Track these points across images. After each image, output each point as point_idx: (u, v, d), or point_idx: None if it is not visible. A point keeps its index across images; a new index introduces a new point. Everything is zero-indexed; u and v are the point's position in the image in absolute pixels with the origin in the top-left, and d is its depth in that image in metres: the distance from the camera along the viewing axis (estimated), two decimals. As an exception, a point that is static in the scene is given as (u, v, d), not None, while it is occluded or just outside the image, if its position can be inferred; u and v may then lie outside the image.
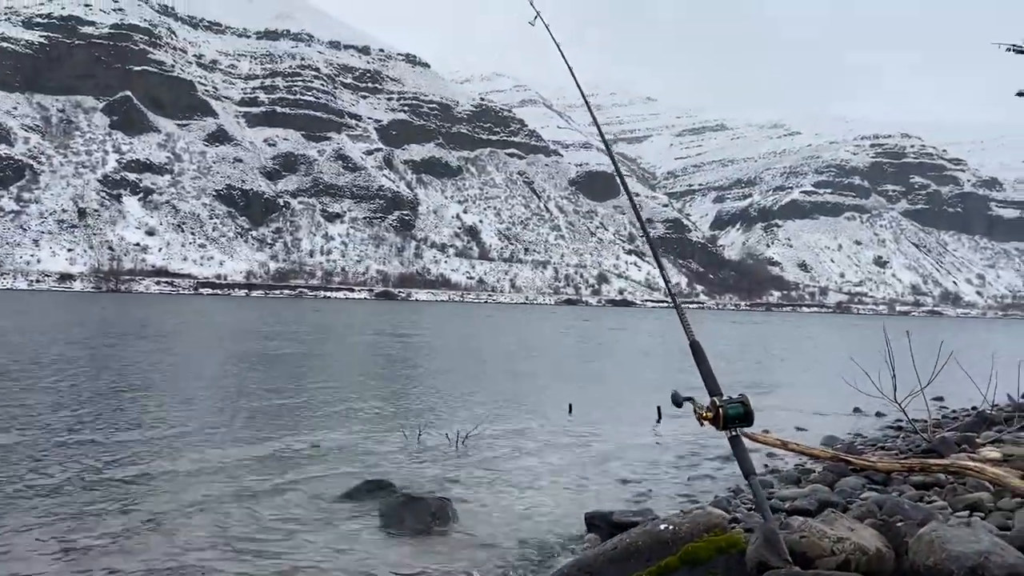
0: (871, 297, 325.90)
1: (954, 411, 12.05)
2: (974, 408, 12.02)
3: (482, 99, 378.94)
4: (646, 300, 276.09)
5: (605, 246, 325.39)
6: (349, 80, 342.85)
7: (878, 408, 11.04)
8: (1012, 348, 45.36)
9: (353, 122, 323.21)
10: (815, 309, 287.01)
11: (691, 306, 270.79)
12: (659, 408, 11.24)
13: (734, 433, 2.34)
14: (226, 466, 7.86)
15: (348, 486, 6.98)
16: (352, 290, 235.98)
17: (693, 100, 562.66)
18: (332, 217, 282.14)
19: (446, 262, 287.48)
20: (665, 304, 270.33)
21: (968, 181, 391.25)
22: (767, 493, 6.35)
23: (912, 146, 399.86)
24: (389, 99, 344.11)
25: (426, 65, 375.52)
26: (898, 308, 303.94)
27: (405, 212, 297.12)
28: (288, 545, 5.52)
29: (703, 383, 2.39)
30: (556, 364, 23.93)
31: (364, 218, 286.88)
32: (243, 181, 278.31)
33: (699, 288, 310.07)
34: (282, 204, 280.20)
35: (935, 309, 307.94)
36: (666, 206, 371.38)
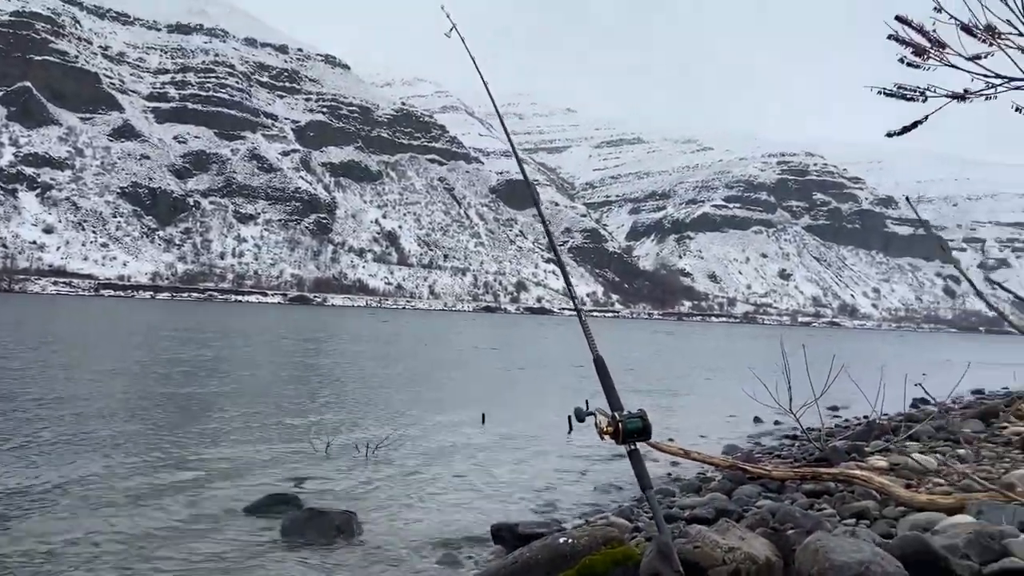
0: (775, 308, 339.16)
1: (847, 420, 12.65)
2: (865, 417, 12.66)
3: (403, 103, 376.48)
4: (563, 308, 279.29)
5: (524, 254, 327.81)
6: (265, 79, 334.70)
7: (776, 417, 11.48)
8: (903, 359, 48.01)
9: (269, 122, 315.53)
10: (723, 319, 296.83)
11: (607, 315, 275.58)
12: (570, 417, 11.32)
13: (633, 447, 2.42)
14: (116, 480, 7.51)
15: (250, 501, 6.77)
16: (265, 294, 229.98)
17: (612, 113, 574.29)
18: (245, 218, 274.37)
19: (364, 267, 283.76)
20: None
21: (866, 199, 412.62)
22: (669, 502, 6.52)
23: (815, 164, 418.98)
24: (307, 100, 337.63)
25: (346, 67, 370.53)
26: (800, 319, 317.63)
27: (322, 215, 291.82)
28: (182, 563, 5.31)
29: (605, 397, 2.48)
30: (473, 372, 23.92)
31: (279, 220, 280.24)
32: (150, 179, 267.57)
33: (615, 297, 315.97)
34: (192, 204, 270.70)
35: (834, 320, 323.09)
36: (584, 216, 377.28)
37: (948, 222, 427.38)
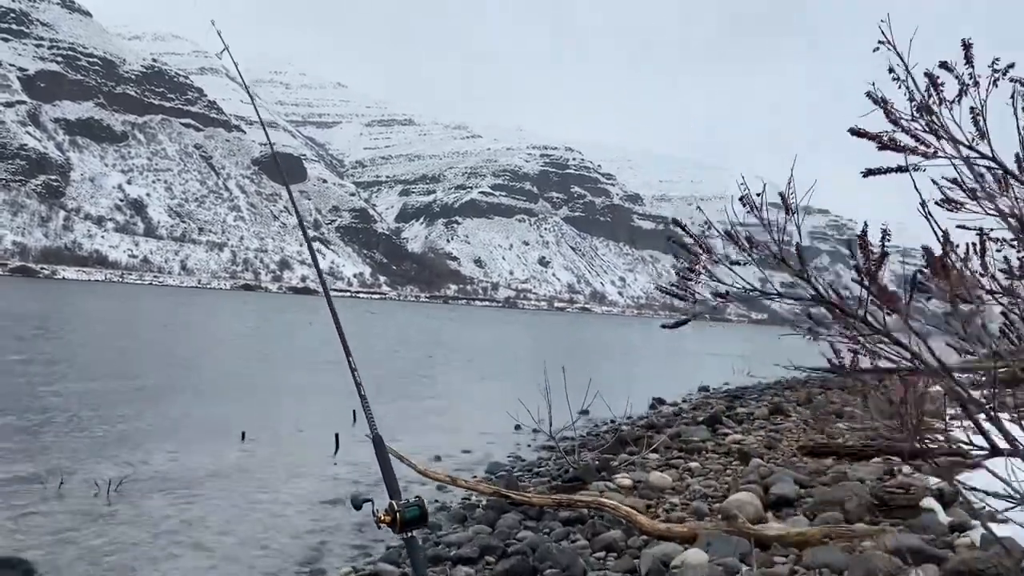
0: (535, 294, 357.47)
1: (597, 427, 13.58)
2: (614, 422, 13.77)
3: (155, 60, 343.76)
4: (331, 290, 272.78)
5: (289, 231, 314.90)
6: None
7: (535, 425, 12.06)
8: (647, 349, 52.59)
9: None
10: (487, 303, 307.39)
11: (373, 296, 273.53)
12: (337, 436, 11.08)
13: (410, 535, 2.37)
14: None
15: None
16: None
17: (384, 92, 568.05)
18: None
19: (103, 237, 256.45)
20: (347, 294, 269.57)
21: (617, 195, 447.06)
22: (436, 537, 6.62)
23: (574, 159, 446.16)
24: (38, 46, 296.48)
25: (87, 13, 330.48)
26: (556, 304, 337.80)
27: (53, 177, 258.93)
28: None
29: (384, 482, 2.40)
30: (235, 371, 22.42)
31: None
32: None
33: (382, 279, 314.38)
34: None
35: (586, 307, 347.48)
36: (353, 195, 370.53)
37: (684, 219, 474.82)
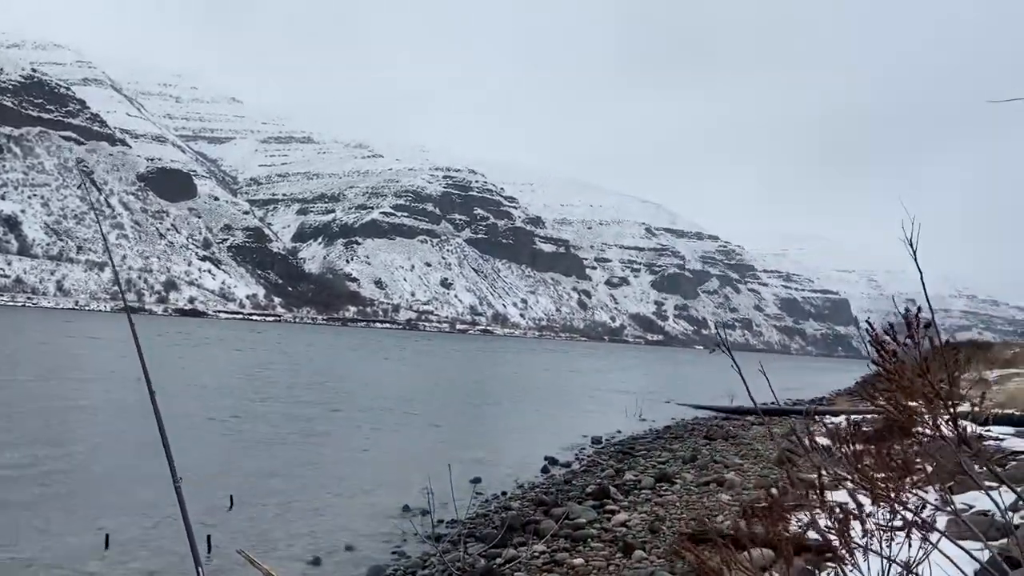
0: (437, 315, 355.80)
1: (488, 501, 13.41)
2: (504, 494, 13.75)
3: (34, 70, 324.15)
4: (219, 311, 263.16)
5: (176, 250, 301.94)
6: None
7: (424, 505, 11.61)
8: (544, 376, 52.25)
9: None
10: (387, 325, 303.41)
11: (267, 318, 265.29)
12: (107, 536, 9.78)
13: None
14: None
15: None
16: None
17: (281, 109, 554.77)
18: None
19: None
20: (240, 316, 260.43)
21: (519, 217, 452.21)
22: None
23: (477, 181, 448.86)
24: None
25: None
26: (459, 326, 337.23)
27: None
28: None
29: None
30: (84, 428, 21.00)
31: None
32: None
33: (277, 300, 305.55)
34: None
35: (488, 328, 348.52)
36: (247, 213, 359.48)
37: (583, 242, 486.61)
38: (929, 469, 5.19)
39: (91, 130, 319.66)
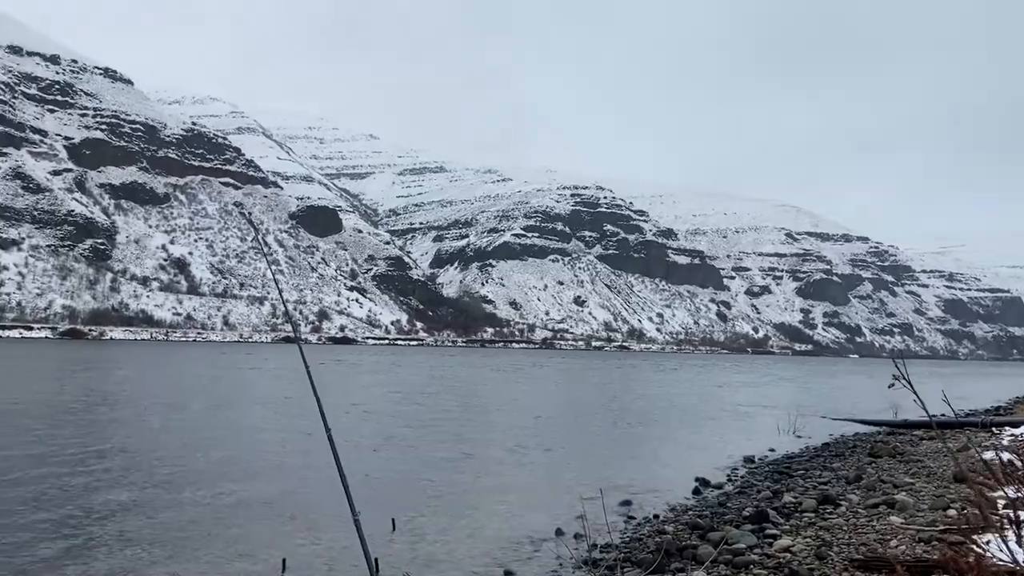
0: (571, 333, 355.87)
1: (640, 524, 13.24)
2: (657, 517, 13.55)
3: (194, 123, 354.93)
4: (367, 338, 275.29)
5: (327, 282, 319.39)
6: (33, 91, 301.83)
7: (578, 528, 11.60)
8: (689, 393, 50.80)
9: (37, 138, 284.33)
10: (524, 345, 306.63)
11: (411, 343, 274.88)
12: (284, 560, 10.23)
13: None
14: None
15: None
16: (30, 328, 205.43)
17: (413, 141, 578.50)
18: (6, 244, 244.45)
19: (148, 296, 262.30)
20: (386, 341, 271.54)
21: (650, 231, 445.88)
22: None
23: (605, 197, 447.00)
24: (83, 115, 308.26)
25: (128, 82, 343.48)
26: (594, 343, 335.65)
27: (100, 241, 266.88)
28: None
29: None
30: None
31: (48, 246, 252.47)
32: None
33: (419, 325, 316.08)
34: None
35: (624, 344, 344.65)
36: (388, 243, 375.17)
37: (719, 252, 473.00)
38: None
39: (247, 175, 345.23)
